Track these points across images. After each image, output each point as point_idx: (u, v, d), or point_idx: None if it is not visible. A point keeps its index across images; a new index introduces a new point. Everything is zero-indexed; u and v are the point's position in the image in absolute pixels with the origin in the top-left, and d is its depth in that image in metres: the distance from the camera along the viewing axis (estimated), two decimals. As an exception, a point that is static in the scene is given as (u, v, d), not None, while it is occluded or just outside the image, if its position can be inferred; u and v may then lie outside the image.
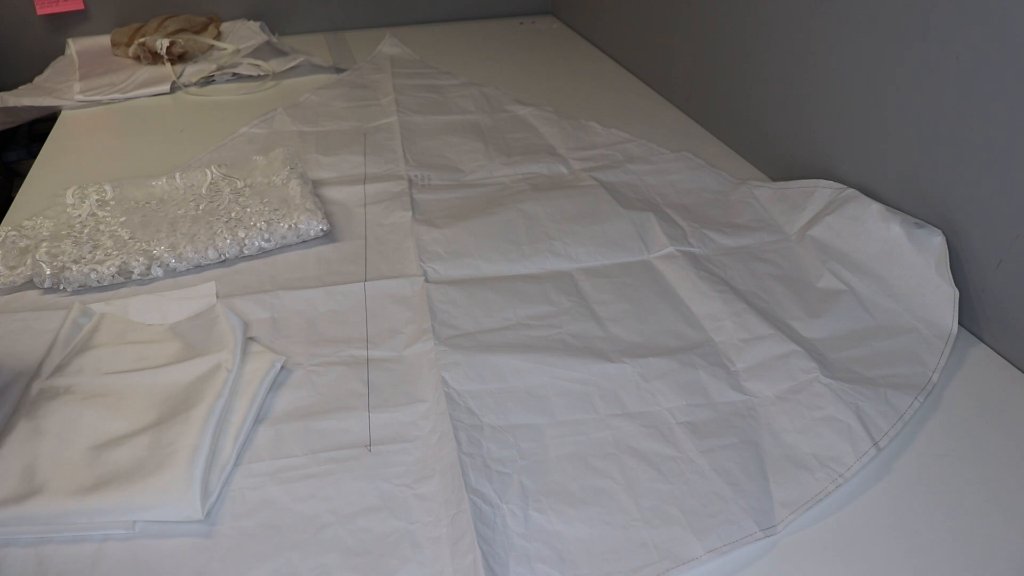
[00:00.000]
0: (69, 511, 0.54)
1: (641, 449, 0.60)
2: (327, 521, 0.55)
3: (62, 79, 1.39)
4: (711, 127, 1.16)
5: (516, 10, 1.81)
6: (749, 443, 0.61)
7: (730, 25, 1.07)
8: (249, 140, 1.14)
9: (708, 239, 0.87)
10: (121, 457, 0.57)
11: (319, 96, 1.30)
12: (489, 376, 0.67)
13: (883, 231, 0.76)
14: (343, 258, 0.86)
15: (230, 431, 0.61)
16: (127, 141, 1.17)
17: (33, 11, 1.48)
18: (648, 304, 0.77)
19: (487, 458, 0.59)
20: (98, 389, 0.64)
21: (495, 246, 0.86)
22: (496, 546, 0.52)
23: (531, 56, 1.55)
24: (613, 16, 1.49)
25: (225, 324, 0.70)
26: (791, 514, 0.55)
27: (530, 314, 0.76)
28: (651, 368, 0.68)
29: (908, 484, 0.58)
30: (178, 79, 1.37)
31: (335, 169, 1.05)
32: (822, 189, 0.87)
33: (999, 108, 0.66)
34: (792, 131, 0.97)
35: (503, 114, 1.23)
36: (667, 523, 0.54)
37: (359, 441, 0.62)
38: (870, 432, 0.60)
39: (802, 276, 0.81)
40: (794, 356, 0.68)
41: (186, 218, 0.88)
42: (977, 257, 0.71)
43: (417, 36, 1.63)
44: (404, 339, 0.73)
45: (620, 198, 0.95)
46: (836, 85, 0.87)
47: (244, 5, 1.62)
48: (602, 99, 1.31)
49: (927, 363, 0.68)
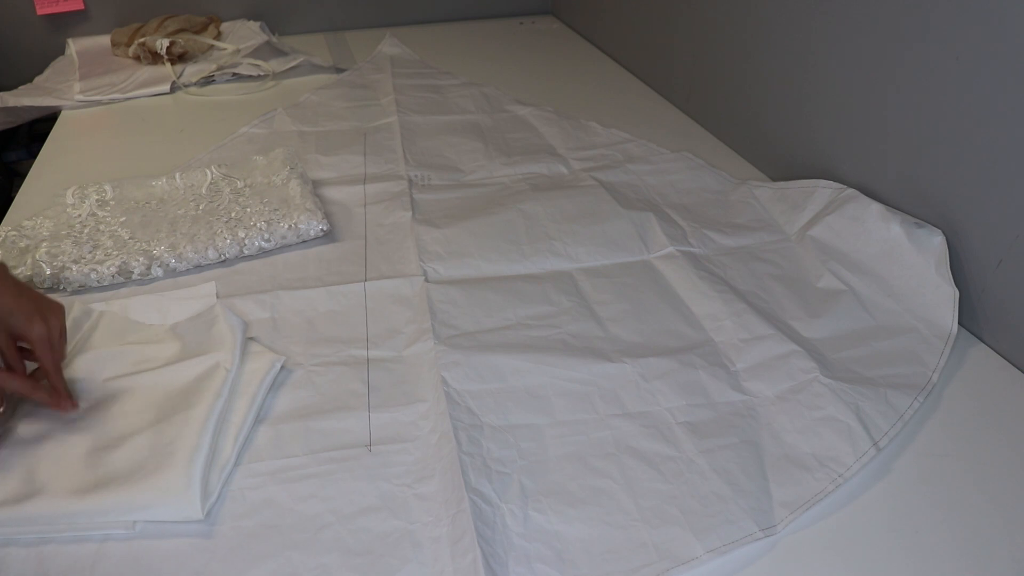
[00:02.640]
0: (69, 511, 0.54)
1: (641, 449, 0.60)
2: (327, 521, 0.55)
3: (62, 79, 1.39)
4: (711, 127, 1.16)
5: (516, 10, 1.81)
6: (749, 443, 0.61)
7: (730, 25, 1.07)
8: (249, 140, 1.14)
9: (708, 239, 0.87)
10: (121, 457, 0.57)
11: (319, 96, 1.30)
12: (489, 376, 0.67)
13: (883, 231, 0.77)
14: (343, 258, 0.86)
15: (230, 431, 0.61)
16: (127, 141, 1.17)
17: (33, 11, 1.48)
18: (648, 304, 0.77)
19: (487, 458, 0.59)
20: (98, 389, 0.64)
21: (495, 246, 0.86)
22: (496, 546, 0.52)
23: (531, 56, 1.55)
24: (613, 16, 1.49)
25: (225, 324, 0.70)
26: (791, 514, 0.55)
27: (530, 314, 0.76)
28: (651, 368, 0.68)
29: (908, 484, 0.58)
30: (178, 79, 1.37)
31: (335, 169, 1.05)
32: (822, 189, 0.87)
33: (999, 108, 0.66)
34: (792, 131, 0.97)
35: (503, 114, 1.23)
36: (667, 523, 0.54)
37: (359, 441, 0.62)
38: (870, 432, 0.60)
39: (802, 276, 0.81)
40: (794, 356, 0.68)
41: (186, 218, 0.88)
42: (977, 257, 0.71)
43: (417, 36, 1.63)
44: (404, 339, 0.73)
45: (620, 198, 0.95)
46: (836, 85, 0.87)
47: (244, 5, 1.62)
48: (602, 99, 1.31)
49: (927, 363, 0.68)
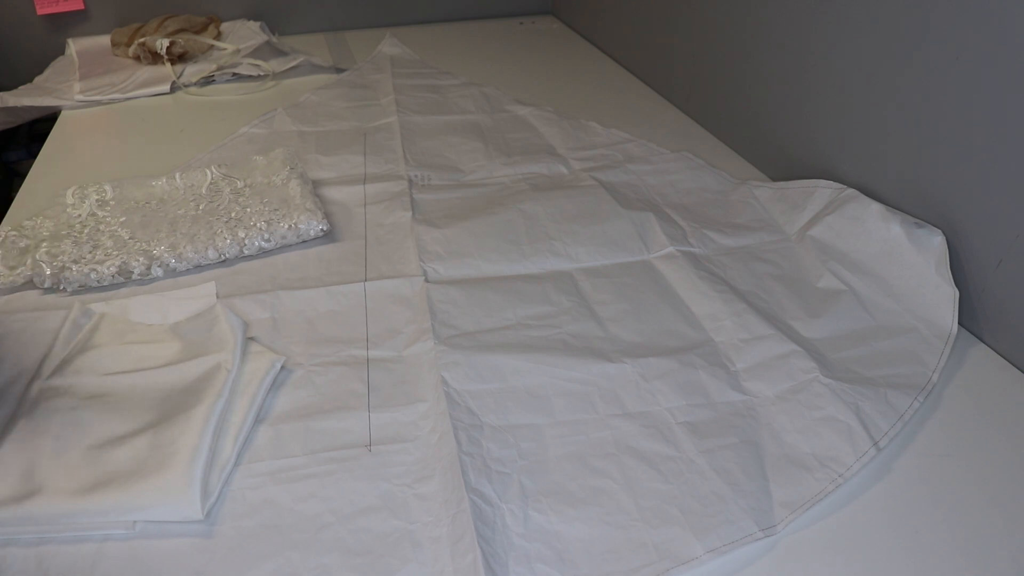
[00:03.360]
0: (69, 511, 0.54)
1: (641, 449, 0.60)
2: (327, 521, 0.55)
3: (62, 79, 1.39)
4: (711, 127, 1.16)
5: (516, 10, 1.81)
6: (749, 443, 0.61)
7: (730, 25, 1.07)
8: (249, 140, 1.14)
9: (708, 239, 0.87)
10: (121, 457, 0.57)
11: (319, 96, 1.30)
12: (489, 376, 0.67)
13: (883, 231, 0.77)
14: (343, 258, 0.86)
15: (230, 431, 0.61)
16: (127, 141, 1.17)
17: (33, 11, 1.48)
18: (648, 304, 0.77)
19: (487, 458, 0.59)
20: (98, 389, 0.64)
21: (495, 246, 0.86)
22: (496, 546, 0.52)
23: (531, 56, 1.55)
24: (613, 16, 1.49)
25: (225, 324, 0.70)
26: (791, 514, 0.55)
27: (530, 314, 0.76)
28: (651, 368, 0.68)
29: (908, 484, 0.58)
30: (178, 79, 1.37)
31: (335, 169, 1.05)
32: (822, 189, 0.87)
33: (999, 108, 0.66)
34: (792, 131, 0.97)
35: (503, 114, 1.23)
36: (667, 523, 0.54)
37: (359, 441, 0.62)
38: (870, 432, 0.60)
39: (802, 276, 0.81)
40: (794, 356, 0.68)
41: (186, 218, 0.88)
42: (977, 257, 0.71)
43: (417, 36, 1.63)
44: (404, 339, 0.73)
45: (620, 198, 0.95)
46: (836, 85, 0.87)
47: (244, 5, 1.62)
48: (602, 99, 1.31)
49: (927, 363, 0.68)
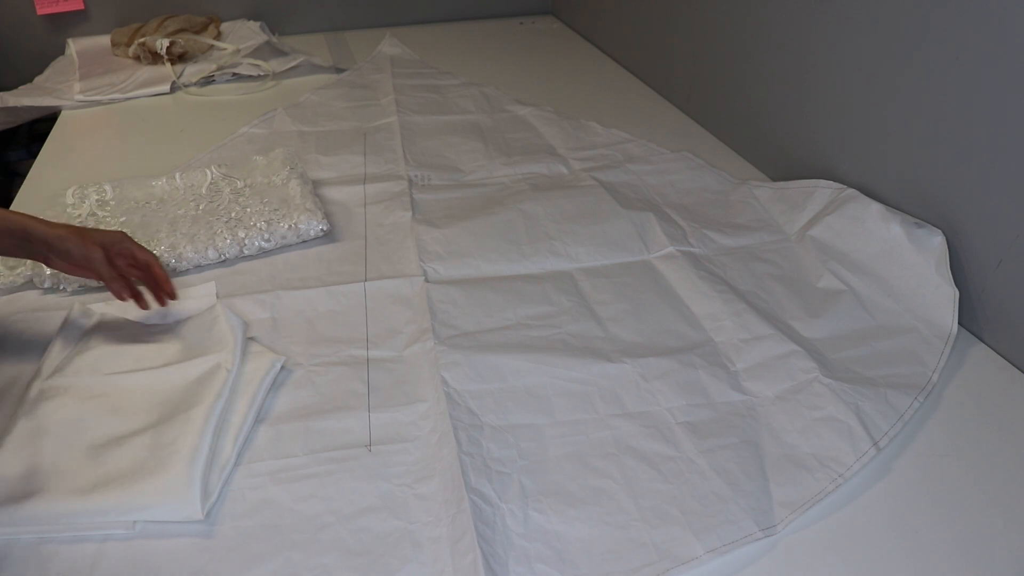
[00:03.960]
0: (69, 511, 0.54)
1: (641, 449, 0.60)
2: (327, 521, 0.55)
3: (62, 79, 1.39)
4: (711, 127, 1.16)
5: (516, 10, 1.81)
6: (749, 443, 0.61)
7: (730, 25, 1.07)
8: (249, 140, 1.14)
9: (708, 239, 0.87)
10: (121, 457, 0.57)
11: (319, 96, 1.30)
12: (489, 376, 0.67)
13: (883, 231, 0.76)
14: (343, 258, 0.86)
15: (230, 431, 0.61)
16: (127, 141, 1.17)
17: (33, 11, 1.48)
18: (648, 304, 0.77)
19: (487, 458, 0.59)
20: (98, 389, 0.64)
21: (495, 246, 0.86)
22: (496, 546, 0.52)
23: (531, 56, 1.55)
24: (613, 16, 1.49)
25: (225, 324, 0.70)
26: (791, 514, 0.55)
27: (530, 314, 0.76)
28: (651, 368, 0.68)
29: (908, 484, 0.58)
30: (178, 79, 1.37)
31: (335, 169, 1.05)
32: (822, 189, 0.87)
33: (999, 108, 0.66)
34: (792, 131, 0.97)
35: (503, 114, 1.23)
36: (667, 523, 0.54)
37: (359, 441, 0.62)
38: (870, 432, 0.60)
39: (802, 276, 0.81)
40: (794, 356, 0.68)
41: (186, 218, 0.88)
42: (977, 257, 0.71)
43: (417, 36, 1.63)
44: (404, 339, 0.73)
45: (620, 198, 0.95)
46: (836, 85, 0.87)
47: (244, 5, 1.62)
48: (602, 99, 1.31)
49: (927, 363, 0.68)
